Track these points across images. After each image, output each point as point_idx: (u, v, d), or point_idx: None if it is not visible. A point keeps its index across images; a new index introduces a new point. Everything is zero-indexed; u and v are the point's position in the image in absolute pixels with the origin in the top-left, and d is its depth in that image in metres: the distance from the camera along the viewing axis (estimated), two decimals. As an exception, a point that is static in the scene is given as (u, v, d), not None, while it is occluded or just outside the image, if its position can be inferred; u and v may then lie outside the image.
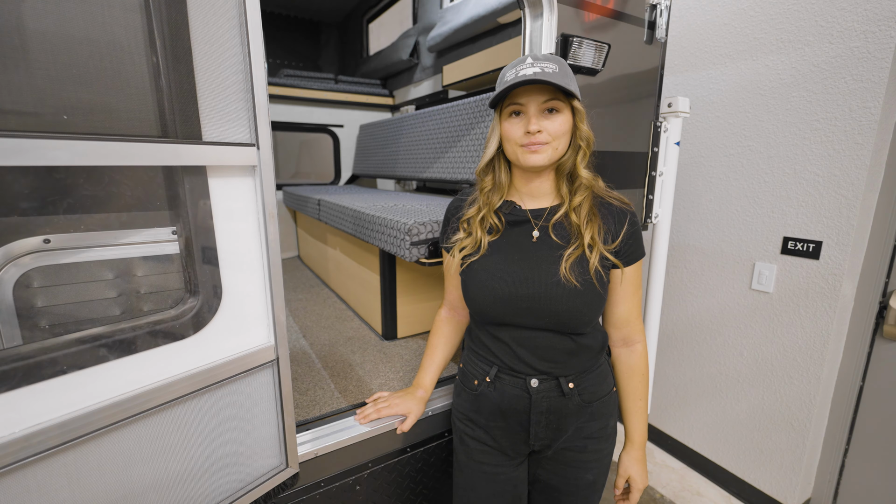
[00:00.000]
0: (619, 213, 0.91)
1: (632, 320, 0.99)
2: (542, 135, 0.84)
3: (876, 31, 1.44)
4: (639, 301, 0.99)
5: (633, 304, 0.97)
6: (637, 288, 0.97)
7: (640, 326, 1.01)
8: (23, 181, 0.65)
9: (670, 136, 1.39)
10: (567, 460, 0.99)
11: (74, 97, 0.65)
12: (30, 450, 0.62)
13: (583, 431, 0.97)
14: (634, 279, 0.96)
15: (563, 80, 0.80)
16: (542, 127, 0.84)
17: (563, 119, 0.85)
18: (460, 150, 1.92)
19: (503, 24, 2.10)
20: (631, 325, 0.99)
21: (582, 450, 0.98)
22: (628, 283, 0.95)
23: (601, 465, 1.01)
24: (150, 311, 0.83)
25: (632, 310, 0.98)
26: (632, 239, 0.91)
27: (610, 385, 1.01)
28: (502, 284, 0.90)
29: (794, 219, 1.68)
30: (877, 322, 1.61)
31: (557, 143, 0.85)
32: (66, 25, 0.62)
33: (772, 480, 1.83)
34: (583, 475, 0.99)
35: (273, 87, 2.94)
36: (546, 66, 0.82)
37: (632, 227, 0.91)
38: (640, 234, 0.94)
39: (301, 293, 2.28)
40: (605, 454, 1.01)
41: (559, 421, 0.95)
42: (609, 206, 0.91)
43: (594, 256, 0.86)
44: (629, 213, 0.92)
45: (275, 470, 0.97)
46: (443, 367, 1.18)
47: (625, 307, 0.97)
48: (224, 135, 0.76)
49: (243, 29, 0.74)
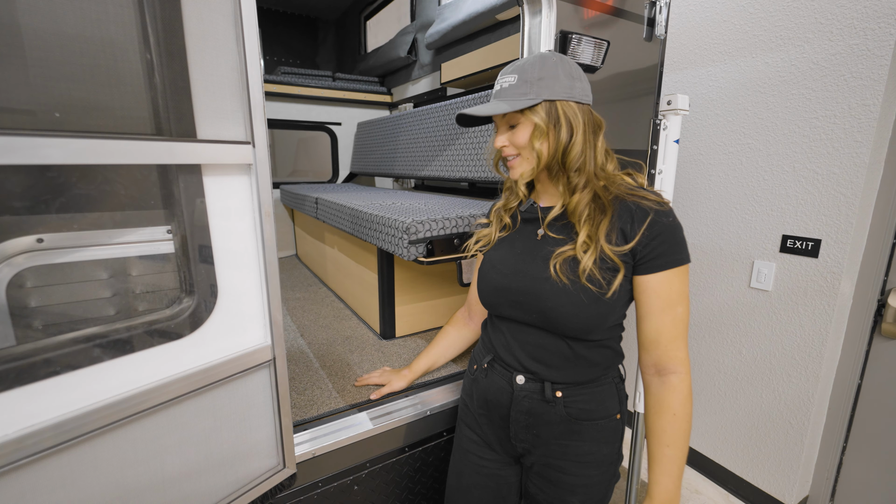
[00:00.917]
0: (640, 211, 0.81)
1: (663, 343, 0.83)
2: (508, 149, 0.88)
3: (875, 28, 1.43)
4: (677, 322, 0.82)
5: (666, 322, 0.82)
6: (671, 304, 0.81)
7: (678, 354, 0.83)
8: (15, 180, 0.64)
9: (670, 134, 1.38)
10: (552, 478, 0.93)
11: (67, 95, 0.64)
12: (24, 451, 0.61)
13: (568, 451, 0.90)
14: (666, 292, 0.80)
15: (511, 96, 0.83)
16: (508, 141, 0.88)
17: (523, 131, 0.85)
18: (459, 147, 1.91)
19: (502, 20, 2.09)
20: (662, 348, 0.83)
21: (564, 471, 0.91)
22: (654, 295, 0.81)
23: (589, 492, 0.92)
24: (145, 310, 0.83)
25: (662, 330, 0.82)
26: (655, 241, 0.79)
27: (612, 411, 0.91)
28: (498, 275, 0.93)
29: (793, 217, 1.68)
30: (875, 320, 1.61)
31: (526, 153, 0.86)
32: (58, 22, 0.62)
33: (770, 478, 1.83)
34: (568, 498, 0.92)
35: (270, 85, 2.92)
36: (506, 80, 0.85)
37: (654, 229, 0.79)
38: (675, 238, 0.80)
39: (298, 292, 2.27)
40: (594, 481, 0.92)
41: (539, 427, 0.91)
42: (629, 204, 0.82)
43: (587, 257, 0.80)
44: (652, 212, 0.80)
45: (272, 470, 0.96)
46: (438, 360, 1.21)
47: (652, 325, 0.83)
48: (219, 133, 0.75)
49: (238, 25, 0.73)
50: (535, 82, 0.82)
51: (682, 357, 0.83)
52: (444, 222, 1.32)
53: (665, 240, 0.79)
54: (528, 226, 0.96)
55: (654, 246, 0.79)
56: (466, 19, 2.15)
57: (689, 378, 0.84)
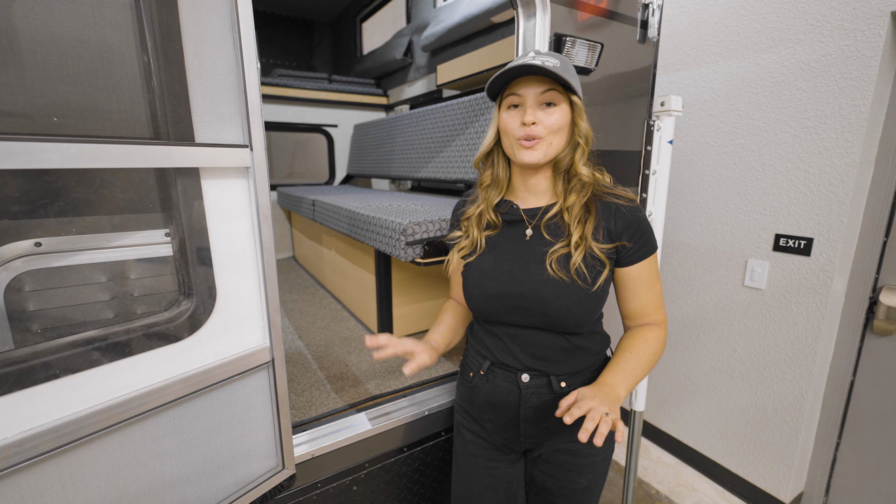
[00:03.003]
0: (619, 210, 0.87)
1: (647, 312, 0.94)
2: (537, 127, 0.83)
3: (865, 29, 1.45)
4: (657, 295, 0.94)
5: (648, 298, 0.93)
6: (650, 283, 0.92)
7: (657, 316, 0.95)
8: (13, 184, 0.65)
9: (663, 135, 1.39)
10: (560, 462, 0.97)
11: (65, 99, 0.64)
12: (23, 455, 0.61)
13: (575, 434, 0.93)
14: (646, 276, 0.91)
15: (563, 73, 0.80)
16: (538, 119, 0.83)
17: (561, 114, 0.84)
18: (455, 149, 1.92)
19: (497, 23, 2.11)
20: (647, 316, 0.94)
21: (575, 453, 0.96)
22: (637, 280, 0.91)
23: (596, 471, 0.99)
24: (143, 313, 0.83)
25: (646, 304, 0.93)
26: (635, 237, 0.87)
27: None
28: (493, 283, 0.91)
29: (785, 216, 1.69)
30: (867, 317, 1.63)
31: (553, 138, 0.84)
32: (55, 26, 0.62)
33: (765, 475, 1.85)
34: (577, 479, 0.97)
35: (266, 87, 2.92)
36: (547, 60, 0.82)
37: (634, 226, 0.87)
38: (648, 230, 0.89)
39: (296, 294, 2.27)
40: (600, 459, 0.98)
41: (548, 419, 0.94)
42: (608, 203, 0.88)
43: (578, 254, 0.84)
44: (629, 211, 0.87)
45: (271, 472, 0.96)
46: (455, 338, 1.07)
47: (638, 303, 0.93)
48: (217, 136, 0.76)
49: (235, 29, 0.74)
50: (573, 74, 0.84)
51: (662, 318, 0.95)
52: (441, 223, 1.33)
53: (642, 234, 0.88)
54: (510, 227, 0.94)
55: (635, 241, 0.88)
56: (462, 21, 2.17)
57: (665, 330, 0.96)
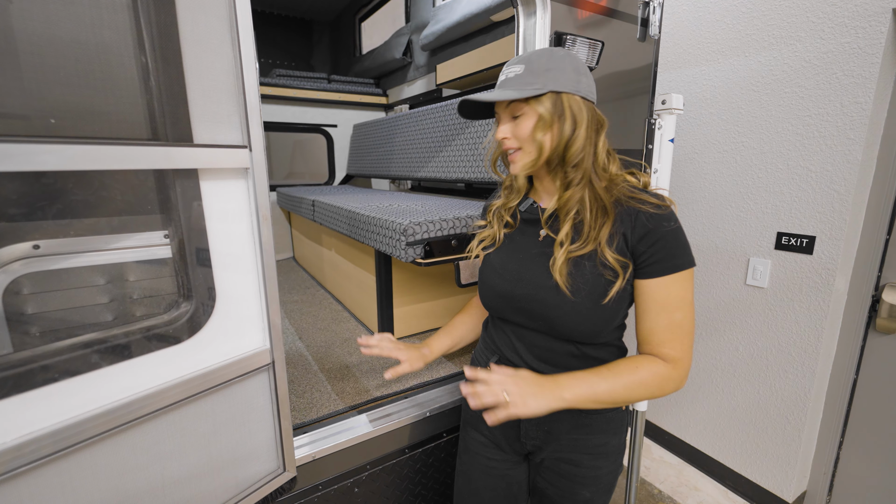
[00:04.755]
0: (640, 216, 0.78)
1: (656, 340, 0.81)
2: (509, 141, 0.84)
3: (866, 26, 1.45)
4: (673, 327, 0.79)
5: (658, 323, 0.80)
6: (666, 309, 0.79)
7: (669, 351, 0.80)
8: (11, 186, 0.64)
9: (664, 133, 1.39)
10: (562, 472, 0.94)
11: (62, 100, 0.63)
12: (22, 459, 0.61)
13: (578, 445, 0.91)
14: (660, 296, 0.79)
15: (518, 85, 0.80)
16: (508, 133, 0.84)
17: (528, 121, 0.82)
18: (455, 148, 1.91)
19: (496, 21, 2.10)
20: (655, 345, 0.81)
21: (577, 464, 0.93)
22: (650, 299, 0.80)
23: (599, 484, 0.94)
24: (143, 316, 0.82)
25: (654, 329, 0.80)
26: (654, 247, 0.77)
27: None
28: (502, 281, 0.91)
29: (787, 214, 1.69)
30: (870, 315, 1.63)
31: (528, 146, 0.83)
32: (52, 27, 0.61)
33: (768, 474, 1.84)
34: (579, 490, 0.94)
35: (265, 87, 2.92)
36: (512, 70, 0.82)
37: (654, 234, 0.77)
38: (675, 243, 0.78)
39: (296, 295, 2.27)
40: (603, 472, 0.94)
41: (550, 424, 0.92)
42: (630, 208, 0.80)
43: (562, 255, 0.80)
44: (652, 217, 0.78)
45: (272, 474, 0.96)
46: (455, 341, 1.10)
47: (645, 326, 0.82)
48: (215, 137, 0.75)
49: (234, 29, 0.73)
50: (542, 73, 0.80)
51: (677, 355, 0.80)
52: (442, 223, 1.32)
53: (664, 245, 0.77)
54: (528, 227, 0.93)
55: (653, 252, 0.78)
56: (461, 20, 2.16)
57: (677, 372, 0.80)
